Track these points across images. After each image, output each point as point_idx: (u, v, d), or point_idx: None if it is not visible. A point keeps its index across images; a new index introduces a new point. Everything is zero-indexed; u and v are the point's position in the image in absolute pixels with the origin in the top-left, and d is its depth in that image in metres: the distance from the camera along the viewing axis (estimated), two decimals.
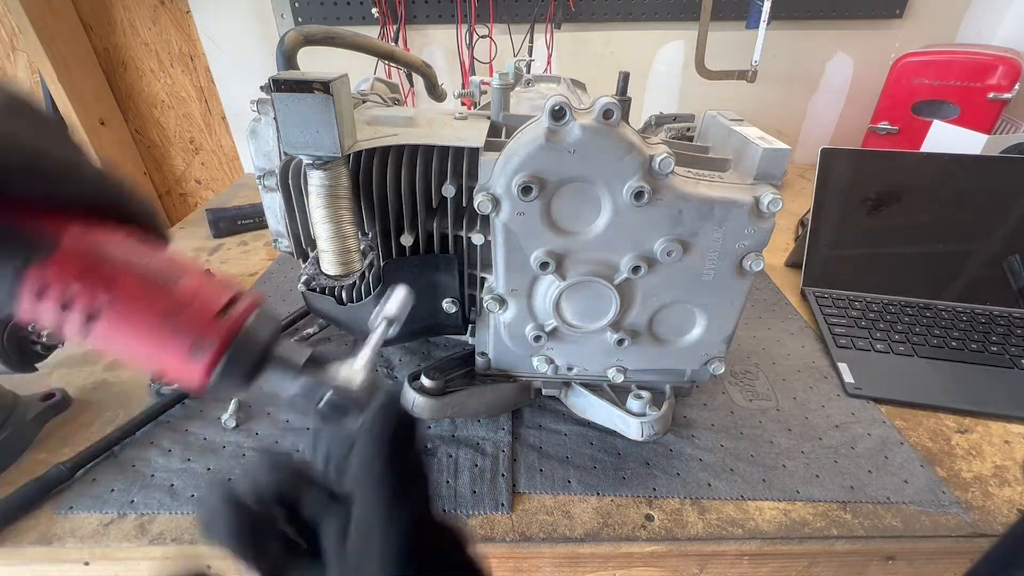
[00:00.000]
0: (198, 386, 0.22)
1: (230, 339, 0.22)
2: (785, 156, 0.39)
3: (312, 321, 0.71)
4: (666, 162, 0.37)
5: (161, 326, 0.21)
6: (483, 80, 0.66)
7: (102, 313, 0.21)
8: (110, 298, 0.21)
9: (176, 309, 0.22)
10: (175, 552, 0.45)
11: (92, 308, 0.21)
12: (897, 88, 1.14)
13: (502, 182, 0.38)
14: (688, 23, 1.22)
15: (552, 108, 0.36)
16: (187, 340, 0.21)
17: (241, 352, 0.22)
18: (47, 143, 0.21)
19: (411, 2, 1.20)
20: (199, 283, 0.22)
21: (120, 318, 0.21)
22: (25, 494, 0.46)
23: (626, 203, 0.39)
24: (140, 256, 0.22)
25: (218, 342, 0.22)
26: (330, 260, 0.44)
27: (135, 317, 0.21)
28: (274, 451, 0.26)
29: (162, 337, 0.21)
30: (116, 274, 0.21)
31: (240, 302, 0.23)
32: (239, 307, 0.23)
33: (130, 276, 0.21)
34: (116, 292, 0.21)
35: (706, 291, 0.44)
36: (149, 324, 0.21)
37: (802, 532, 0.45)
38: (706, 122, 0.51)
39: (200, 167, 1.59)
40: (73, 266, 0.21)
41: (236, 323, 0.23)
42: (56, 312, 0.20)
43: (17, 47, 1.39)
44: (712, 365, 0.49)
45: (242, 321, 0.23)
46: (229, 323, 0.22)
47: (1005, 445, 0.54)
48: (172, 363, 0.22)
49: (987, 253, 0.74)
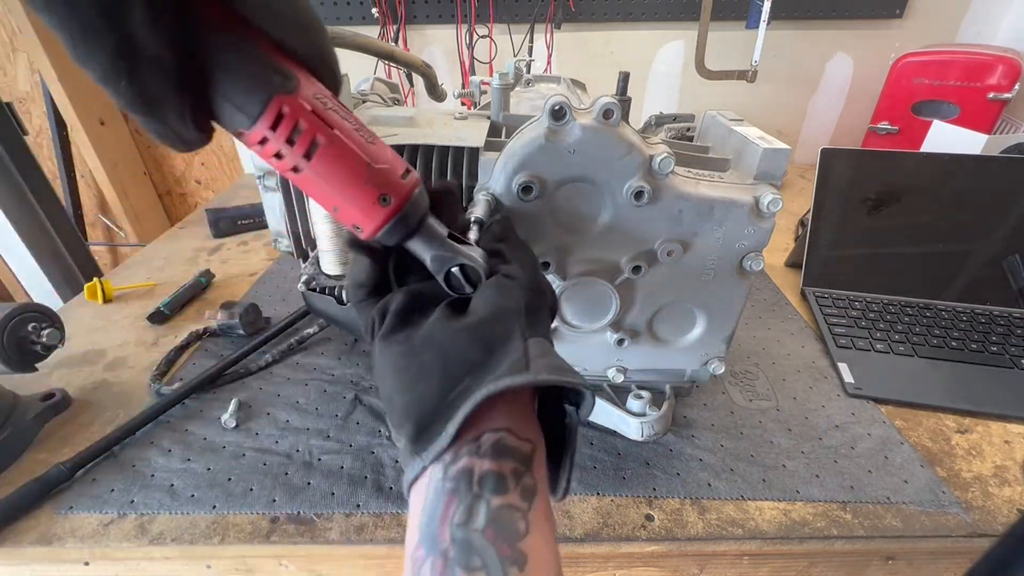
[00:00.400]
0: (372, 230, 0.27)
1: (406, 200, 0.27)
2: (785, 156, 0.39)
3: (312, 321, 0.71)
4: (666, 162, 0.37)
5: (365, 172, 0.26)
6: (483, 80, 0.66)
7: (320, 149, 0.24)
8: (329, 139, 0.24)
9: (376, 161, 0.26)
10: (175, 552, 0.45)
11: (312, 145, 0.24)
12: (897, 88, 1.14)
13: (502, 182, 0.38)
14: (688, 23, 1.22)
15: (552, 108, 0.36)
16: (379, 190, 0.26)
17: (409, 213, 0.27)
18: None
19: (411, 2, 1.20)
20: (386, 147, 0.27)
21: (334, 158, 0.25)
22: (25, 494, 0.46)
23: (626, 203, 0.39)
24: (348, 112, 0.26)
25: (400, 199, 0.27)
26: (330, 260, 0.44)
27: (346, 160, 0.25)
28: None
29: (361, 181, 0.26)
30: (336, 121, 0.25)
31: (412, 173, 0.28)
32: (412, 177, 0.28)
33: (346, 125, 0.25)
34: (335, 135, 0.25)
35: (706, 291, 0.44)
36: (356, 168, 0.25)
37: (802, 532, 0.45)
38: (706, 122, 0.51)
39: (200, 167, 1.59)
40: (307, 105, 0.24)
41: (411, 188, 0.27)
42: (281, 143, 0.24)
43: (17, 47, 1.39)
44: (712, 365, 0.49)
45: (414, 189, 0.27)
46: (408, 186, 0.27)
47: (1005, 445, 0.54)
48: (362, 205, 0.26)
49: (987, 253, 0.74)
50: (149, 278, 0.86)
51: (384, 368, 0.27)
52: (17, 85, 1.43)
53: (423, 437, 0.25)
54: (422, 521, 0.24)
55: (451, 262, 0.29)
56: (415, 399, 0.26)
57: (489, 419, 0.25)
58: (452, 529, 0.22)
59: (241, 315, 0.68)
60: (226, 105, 0.23)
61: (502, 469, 0.24)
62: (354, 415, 0.57)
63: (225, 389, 0.61)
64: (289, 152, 0.24)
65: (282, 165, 0.25)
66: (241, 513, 0.47)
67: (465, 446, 0.24)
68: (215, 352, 0.67)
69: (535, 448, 0.26)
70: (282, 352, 0.66)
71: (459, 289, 0.29)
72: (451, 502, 0.23)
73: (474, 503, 0.23)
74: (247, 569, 0.47)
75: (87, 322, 0.74)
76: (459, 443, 0.25)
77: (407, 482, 0.26)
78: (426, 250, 0.29)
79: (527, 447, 0.25)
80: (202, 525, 0.46)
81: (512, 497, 0.23)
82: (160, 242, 1.02)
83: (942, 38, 1.23)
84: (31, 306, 0.55)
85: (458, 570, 0.21)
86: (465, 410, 0.24)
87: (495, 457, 0.24)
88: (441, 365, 0.26)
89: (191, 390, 0.58)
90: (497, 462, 0.24)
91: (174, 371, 0.64)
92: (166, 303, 0.74)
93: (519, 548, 0.22)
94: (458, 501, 0.23)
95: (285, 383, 0.62)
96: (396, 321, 0.28)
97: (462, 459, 0.24)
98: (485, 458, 0.24)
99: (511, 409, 0.26)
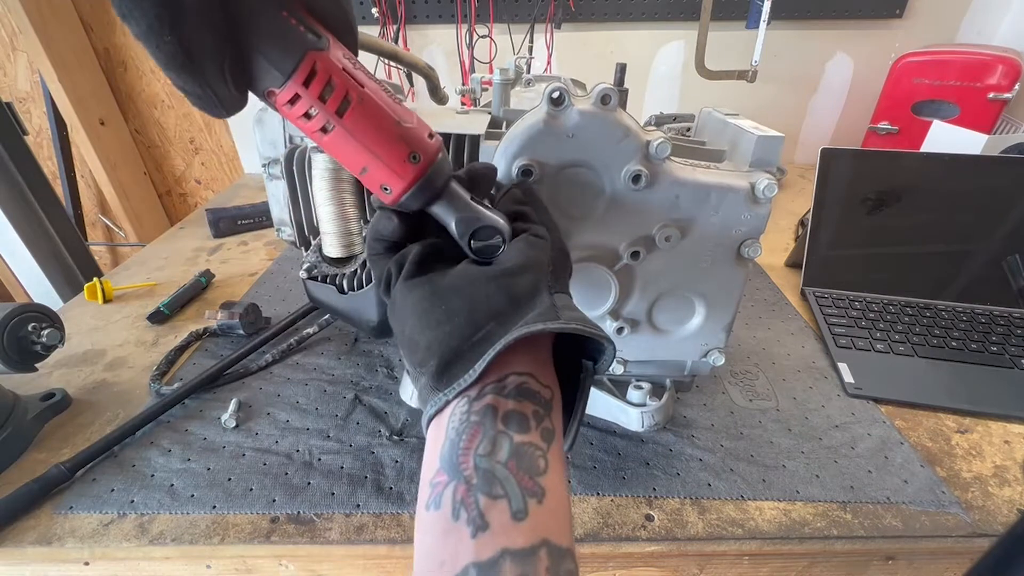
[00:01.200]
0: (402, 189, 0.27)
1: (434, 159, 0.27)
2: (779, 143, 0.40)
3: (312, 321, 0.71)
4: (662, 146, 0.38)
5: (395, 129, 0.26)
6: (483, 78, 0.66)
7: (352, 106, 0.25)
8: (360, 96, 0.25)
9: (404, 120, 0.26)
10: (175, 552, 0.45)
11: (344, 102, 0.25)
12: (897, 88, 1.14)
13: (502, 167, 0.39)
14: (688, 23, 1.22)
15: (550, 94, 0.36)
16: (409, 147, 0.26)
17: (437, 173, 0.28)
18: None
19: (411, 2, 1.20)
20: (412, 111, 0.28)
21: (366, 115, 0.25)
22: (25, 494, 0.46)
23: (624, 187, 0.39)
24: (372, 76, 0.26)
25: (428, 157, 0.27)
26: (332, 242, 0.45)
27: (378, 117, 0.26)
28: None
29: (393, 138, 0.26)
30: (366, 79, 0.26)
31: (436, 136, 0.28)
32: (436, 139, 0.28)
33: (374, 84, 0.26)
34: (366, 93, 0.25)
35: (705, 278, 0.44)
36: (387, 125, 0.26)
37: (802, 532, 0.45)
38: (702, 118, 0.51)
39: (200, 167, 1.59)
40: (338, 63, 0.25)
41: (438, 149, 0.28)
42: (313, 99, 0.24)
43: (17, 47, 1.39)
44: (712, 356, 0.49)
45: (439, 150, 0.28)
46: (436, 146, 0.28)
47: (1005, 445, 0.54)
48: (392, 163, 0.26)
49: (987, 253, 0.74)
50: (149, 278, 0.86)
51: (405, 310, 0.28)
52: (17, 85, 1.43)
53: (447, 374, 0.26)
54: (444, 449, 0.24)
55: (475, 224, 0.29)
56: (440, 337, 0.26)
57: (514, 363, 0.26)
58: (476, 458, 0.23)
59: (241, 315, 0.68)
60: (261, 61, 0.23)
61: (524, 410, 0.25)
62: (354, 415, 0.57)
63: (225, 389, 0.61)
64: (321, 110, 0.25)
65: (311, 125, 0.25)
66: (241, 513, 0.47)
67: (490, 385, 0.25)
68: (215, 352, 0.67)
69: (554, 395, 0.27)
70: (282, 352, 0.66)
71: (480, 252, 0.29)
72: (476, 434, 0.24)
73: (498, 437, 0.24)
74: (247, 569, 0.47)
75: (87, 322, 0.74)
76: (484, 382, 0.26)
77: (427, 416, 0.27)
78: (450, 214, 0.29)
79: (548, 393, 0.27)
80: (202, 525, 0.46)
81: (533, 436, 0.24)
82: (160, 242, 1.02)
83: (942, 38, 1.23)
84: (31, 306, 0.55)
85: (480, 496, 0.22)
86: (497, 348, 0.25)
87: (519, 398, 0.25)
88: (468, 308, 0.27)
89: (191, 390, 0.58)
90: (520, 403, 0.25)
91: (174, 371, 0.64)
92: (166, 303, 0.74)
93: (539, 482, 0.23)
94: (482, 434, 0.24)
95: (285, 383, 0.62)
96: (415, 268, 0.29)
97: (487, 396, 0.25)
98: (510, 399, 0.25)
99: (534, 356, 0.28)
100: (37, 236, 1.14)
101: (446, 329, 0.26)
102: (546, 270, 0.30)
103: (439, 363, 0.26)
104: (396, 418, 0.57)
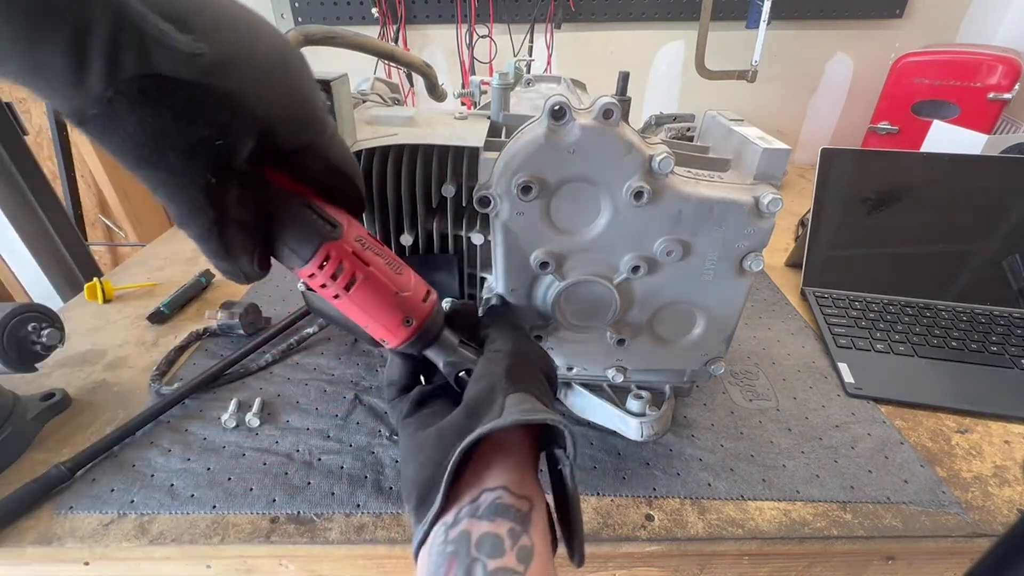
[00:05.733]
0: (396, 344, 0.33)
1: (425, 320, 0.33)
2: (785, 156, 0.39)
3: (312, 321, 0.71)
4: (666, 162, 0.37)
5: (393, 299, 0.31)
6: (483, 80, 0.66)
7: (357, 284, 0.30)
8: (365, 275, 0.30)
9: (402, 290, 0.32)
10: (175, 552, 0.45)
11: (351, 279, 0.30)
12: (897, 88, 1.14)
13: (502, 182, 0.38)
14: (688, 23, 1.22)
15: (552, 108, 0.35)
16: (404, 313, 0.32)
17: (428, 330, 0.33)
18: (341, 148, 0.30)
19: (411, 2, 1.20)
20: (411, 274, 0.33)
21: (369, 290, 0.30)
22: (25, 494, 0.46)
23: (626, 203, 0.39)
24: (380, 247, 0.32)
25: (420, 319, 0.32)
26: None
27: (379, 291, 0.31)
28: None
29: (390, 307, 0.31)
30: (372, 259, 0.31)
31: (431, 295, 0.34)
32: (431, 299, 0.33)
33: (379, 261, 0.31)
34: (370, 272, 0.30)
35: (706, 291, 0.44)
36: (386, 297, 0.31)
37: (802, 532, 0.45)
38: (706, 122, 0.51)
39: None
40: (349, 248, 0.30)
41: (430, 310, 0.33)
42: (326, 278, 0.29)
43: None
44: (712, 365, 0.49)
45: (432, 310, 0.33)
46: (428, 308, 0.33)
47: (1005, 445, 0.54)
48: (388, 325, 0.32)
49: (987, 253, 0.74)
50: (149, 278, 0.86)
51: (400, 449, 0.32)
52: None
53: (424, 504, 0.27)
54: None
55: (460, 367, 0.34)
56: (416, 469, 0.28)
57: (487, 478, 0.27)
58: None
59: (241, 315, 0.68)
60: (285, 249, 0.29)
61: (499, 530, 0.25)
62: (354, 415, 0.57)
63: (225, 389, 0.61)
64: (332, 285, 0.29)
65: (325, 292, 0.30)
66: (241, 513, 0.47)
67: (465, 507, 0.26)
68: (215, 352, 0.67)
69: (533, 506, 0.27)
70: (282, 352, 0.66)
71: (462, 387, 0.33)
72: (451, 565, 0.24)
73: (472, 565, 0.24)
74: (247, 569, 0.47)
75: (87, 322, 0.74)
76: (458, 504, 0.26)
77: (414, 547, 0.28)
78: (440, 357, 0.34)
79: (525, 505, 0.27)
80: (202, 525, 0.46)
81: (508, 559, 0.24)
82: (160, 242, 1.02)
83: (942, 38, 1.23)
84: (31, 306, 0.55)
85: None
86: (448, 470, 0.26)
87: (492, 517, 0.26)
88: (436, 436, 0.29)
89: (191, 390, 0.58)
90: (494, 522, 0.25)
91: (174, 371, 0.64)
92: (166, 303, 0.74)
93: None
94: (458, 564, 0.24)
95: (285, 383, 0.62)
96: (410, 409, 0.33)
97: (461, 522, 0.26)
98: (483, 519, 0.25)
99: (508, 464, 0.28)
100: (37, 236, 1.14)
101: (421, 459, 0.28)
102: (501, 378, 0.30)
103: (417, 495, 0.27)
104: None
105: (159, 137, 0.22)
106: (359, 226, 0.31)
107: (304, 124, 0.27)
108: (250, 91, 0.23)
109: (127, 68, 0.20)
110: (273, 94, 0.25)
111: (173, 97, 0.21)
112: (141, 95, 0.21)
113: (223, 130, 0.23)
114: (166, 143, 0.22)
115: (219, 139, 0.23)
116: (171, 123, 0.22)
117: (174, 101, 0.21)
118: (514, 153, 0.38)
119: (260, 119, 0.24)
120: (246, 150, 0.24)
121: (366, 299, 0.30)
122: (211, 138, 0.23)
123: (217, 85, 0.22)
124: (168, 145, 0.22)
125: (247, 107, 0.23)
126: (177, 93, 0.21)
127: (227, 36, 0.22)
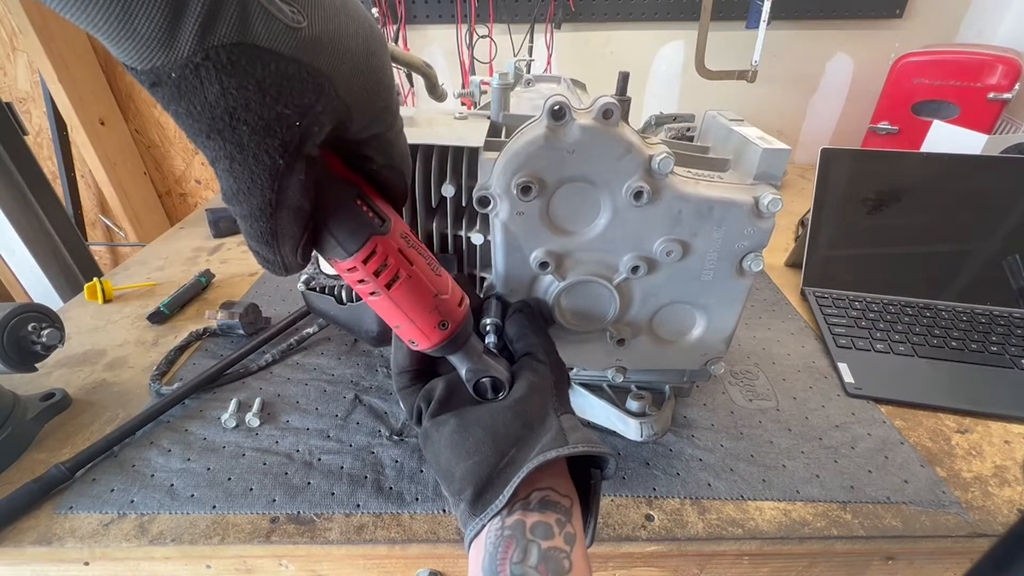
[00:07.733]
0: (428, 347, 0.32)
1: (459, 325, 0.32)
2: (785, 156, 0.39)
3: (312, 321, 0.71)
4: (665, 162, 0.37)
5: (432, 301, 0.30)
6: (483, 80, 0.66)
7: (400, 282, 0.29)
8: (409, 274, 0.29)
9: (441, 292, 0.31)
10: (175, 552, 0.45)
11: (394, 277, 0.28)
12: (897, 88, 1.14)
13: (502, 182, 0.38)
14: (688, 23, 1.22)
15: (551, 108, 0.35)
16: (440, 317, 0.31)
17: (459, 336, 0.32)
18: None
19: (411, 2, 1.20)
20: (449, 277, 0.32)
21: (410, 290, 0.29)
22: (25, 494, 0.46)
23: (625, 203, 0.39)
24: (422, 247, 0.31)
25: (455, 324, 0.32)
26: None
27: (420, 292, 0.30)
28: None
29: (428, 309, 0.30)
30: (415, 258, 0.29)
31: (464, 301, 0.33)
32: (464, 304, 0.33)
33: (421, 260, 0.30)
34: (413, 271, 0.29)
35: (706, 291, 0.44)
36: (426, 298, 0.30)
37: (802, 532, 0.45)
38: (706, 122, 0.51)
39: (200, 167, 1.59)
40: (395, 245, 0.28)
41: (464, 315, 0.33)
42: (368, 274, 0.28)
43: (17, 47, 1.39)
44: (712, 366, 0.49)
45: (466, 316, 0.33)
46: (463, 314, 0.32)
47: (1005, 445, 0.54)
48: (424, 327, 0.31)
49: (987, 253, 0.74)
50: (149, 278, 0.86)
51: (439, 444, 0.33)
52: (17, 85, 1.43)
53: (481, 500, 0.30)
54: (485, 562, 0.29)
55: (482, 374, 0.34)
56: (471, 468, 0.31)
57: (535, 481, 0.31)
58: (511, 566, 0.28)
59: (241, 315, 0.68)
60: (330, 239, 0.27)
61: (548, 519, 0.30)
62: (354, 415, 0.57)
63: (225, 389, 0.61)
64: (372, 281, 0.28)
65: (362, 288, 0.29)
66: (241, 513, 0.47)
67: (518, 503, 0.30)
68: (215, 352, 0.67)
69: (573, 503, 0.32)
70: (282, 352, 0.66)
71: (483, 394, 0.34)
72: (509, 546, 0.28)
73: (528, 546, 0.28)
74: (247, 569, 0.47)
75: (87, 322, 0.74)
76: (512, 500, 0.30)
77: (468, 539, 0.31)
78: (463, 363, 0.34)
79: (567, 502, 0.31)
80: (202, 525, 0.46)
81: (557, 541, 0.29)
82: (160, 242, 1.02)
83: (942, 38, 1.23)
84: (31, 306, 0.55)
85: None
86: (520, 477, 0.30)
87: (542, 510, 0.30)
88: (491, 439, 0.31)
89: (191, 390, 0.58)
90: (544, 514, 0.30)
91: (174, 371, 0.64)
92: (166, 303, 0.74)
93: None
94: (515, 545, 0.28)
95: (285, 383, 0.62)
96: (440, 407, 0.34)
97: (516, 513, 0.30)
98: (535, 511, 0.30)
99: (552, 471, 0.32)
100: (37, 236, 1.14)
101: (476, 460, 0.31)
102: (551, 393, 0.35)
103: (474, 492, 0.30)
104: (396, 418, 0.57)
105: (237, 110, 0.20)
106: (403, 222, 0.30)
107: (379, 115, 0.26)
108: (339, 73, 0.22)
109: (223, 34, 0.18)
110: (358, 80, 0.23)
111: (265, 71, 0.19)
112: (231, 65, 0.19)
113: (305, 112, 0.21)
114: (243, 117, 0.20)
115: (299, 121, 0.21)
116: (255, 97, 0.20)
117: (264, 75, 0.19)
118: (514, 153, 0.37)
119: (344, 105, 0.23)
120: (322, 136, 0.23)
121: (405, 299, 0.29)
122: (291, 118, 0.21)
123: (310, 63, 0.20)
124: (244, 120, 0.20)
125: (333, 90, 0.22)
126: (269, 67, 0.19)
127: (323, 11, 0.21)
